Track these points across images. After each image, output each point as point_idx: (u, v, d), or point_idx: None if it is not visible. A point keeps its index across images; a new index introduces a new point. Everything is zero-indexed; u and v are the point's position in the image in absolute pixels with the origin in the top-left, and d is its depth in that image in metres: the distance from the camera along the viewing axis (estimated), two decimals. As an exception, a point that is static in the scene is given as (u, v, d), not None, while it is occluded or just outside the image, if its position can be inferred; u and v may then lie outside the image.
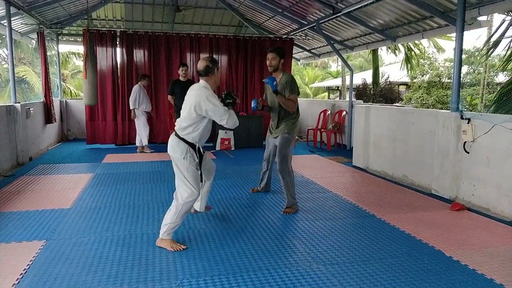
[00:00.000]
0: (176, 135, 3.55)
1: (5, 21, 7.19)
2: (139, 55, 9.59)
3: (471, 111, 13.39)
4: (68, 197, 5.02)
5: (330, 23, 9.22)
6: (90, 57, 8.29)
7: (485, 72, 16.83)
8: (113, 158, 7.88)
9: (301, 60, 14.31)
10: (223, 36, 10.22)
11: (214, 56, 10.02)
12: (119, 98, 9.43)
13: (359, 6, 7.26)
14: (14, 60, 7.30)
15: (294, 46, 11.05)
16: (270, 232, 3.86)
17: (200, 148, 3.65)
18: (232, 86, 10.21)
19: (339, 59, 13.17)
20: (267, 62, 4.59)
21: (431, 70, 18.40)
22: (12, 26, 7.26)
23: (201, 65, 3.57)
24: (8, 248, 3.41)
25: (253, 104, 4.63)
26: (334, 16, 8.15)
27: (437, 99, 16.18)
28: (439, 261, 3.22)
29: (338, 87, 23.38)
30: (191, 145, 3.53)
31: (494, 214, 4.45)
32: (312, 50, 12.24)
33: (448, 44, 19.53)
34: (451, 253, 3.36)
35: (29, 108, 7.49)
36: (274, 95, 4.48)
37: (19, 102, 7.09)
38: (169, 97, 7.87)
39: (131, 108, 8.39)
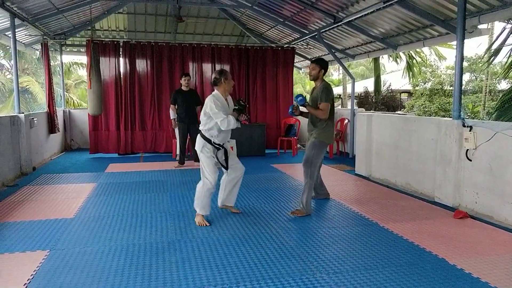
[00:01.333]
0: (199, 132, 4.42)
1: (9, 32, 7.28)
2: (142, 65, 9.67)
3: (473, 118, 13.39)
4: (71, 206, 5.03)
5: (331, 32, 9.27)
6: (94, 67, 8.36)
7: (487, 79, 16.85)
8: (116, 167, 7.91)
9: (302, 69, 14.37)
10: (225, 45, 10.30)
11: (216, 65, 10.10)
12: (122, 108, 9.48)
13: (360, 15, 7.31)
14: (18, 70, 7.37)
15: (295, 55, 11.10)
16: (273, 241, 3.86)
17: (220, 144, 4.42)
18: (234, 95, 10.24)
19: (341, 68, 13.22)
20: (308, 71, 5.28)
21: (433, 77, 18.45)
22: (16, 37, 7.34)
23: (212, 77, 4.44)
24: (12, 258, 3.42)
25: (289, 109, 4.84)
26: (335, 25, 8.20)
27: (439, 106, 16.21)
28: (442, 269, 3.22)
29: (339, 95, 23.45)
30: (208, 140, 4.34)
31: (498, 221, 4.44)
32: (313, 59, 12.28)
33: (449, 52, 19.55)
34: (455, 261, 3.35)
35: (33, 118, 7.54)
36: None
37: (23, 113, 7.14)
38: (172, 106, 7.90)
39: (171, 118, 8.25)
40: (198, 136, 4.42)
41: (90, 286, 2.91)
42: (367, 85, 18.99)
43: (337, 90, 26.00)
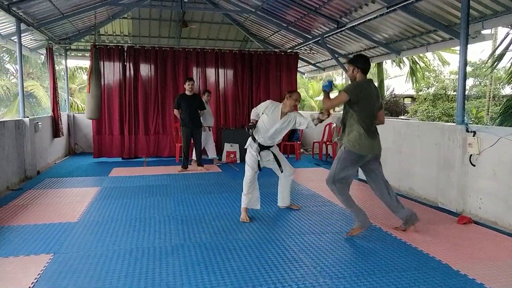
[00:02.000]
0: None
1: (15, 37, 7.34)
2: (146, 69, 9.72)
3: (477, 123, 13.36)
4: (75, 210, 5.05)
5: (334, 37, 9.30)
6: (95, 72, 8.40)
7: (491, 84, 16.83)
8: (120, 171, 7.93)
9: (306, 74, 14.40)
10: (228, 50, 10.34)
11: (220, 70, 10.14)
12: (126, 112, 9.52)
13: (363, 20, 7.34)
14: (23, 75, 7.43)
15: (299, 60, 11.13)
16: (276, 246, 3.86)
17: (262, 144, 4.82)
18: (237, 100, 10.28)
19: (344, 72, 13.23)
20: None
21: (436, 82, 18.44)
22: (22, 42, 7.40)
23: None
24: (17, 261, 3.43)
25: (327, 83, 4.11)
26: (339, 30, 8.23)
27: (443, 111, 16.19)
28: (446, 274, 3.21)
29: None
30: (253, 138, 4.83)
31: (502, 227, 4.42)
32: (317, 64, 12.33)
33: (452, 57, 19.55)
34: (459, 267, 3.34)
35: (37, 122, 7.59)
36: (347, 106, 4.05)
37: (28, 117, 7.19)
38: (175, 111, 7.93)
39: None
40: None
41: (94, 290, 2.93)
42: (370, 90, 18.96)
43: (340, 95, 25.97)
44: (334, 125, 9.96)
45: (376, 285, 3.02)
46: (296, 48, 10.87)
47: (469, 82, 19.42)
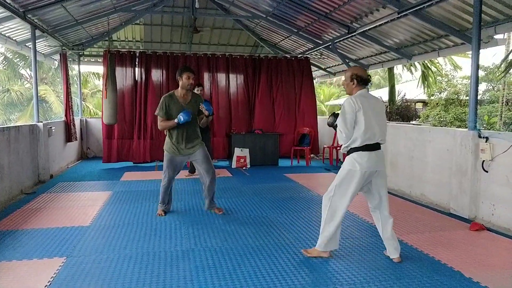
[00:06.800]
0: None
1: (30, 43, 7.47)
2: (157, 75, 9.80)
3: (489, 129, 13.21)
4: (88, 214, 5.11)
5: (345, 42, 9.29)
6: (110, 77, 8.51)
7: (504, 89, 16.63)
8: (131, 176, 8.00)
9: (316, 79, 14.38)
10: (239, 56, 10.40)
11: (231, 75, 10.19)
12: (137, 117, 9.60)
13: (374, 25, 7.33)
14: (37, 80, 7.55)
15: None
16: (286, 251, 3.86)
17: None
18: (248, 105, 10.31)
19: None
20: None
21: (448, 87, 18.27)
22: (36, 48, 7.53)
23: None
24: (30, 264, 3.49)
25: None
26: (349, 35, 8.22)
27: (455, 116, 16.01)
28: (458, 282, 3.17)
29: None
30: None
31: (515, 234, 4.37)
32: (327, 69, 12.32)
33: (464, 61, 19.34)
34: (471, 275, 3.31)
35: (51, 127, 7.70)
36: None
37: (42, 122, 7.30)
38: None
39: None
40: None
41: (106, 294, 2.96)
42: (381, 95, 18.88)
43: (351, 100, 25.90)
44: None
45: (387, 292, 3.00)
46: (307, 53, 10.87)
47: (482, 87, 19.19)
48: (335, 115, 3.77)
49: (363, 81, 3.56)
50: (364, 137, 3.43)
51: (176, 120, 4.66)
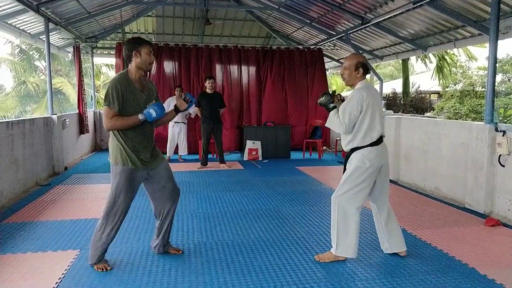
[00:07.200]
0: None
1: (44, 36, 7.53)
2: (170, 66, 9.82)
3: (505, 122, 12.96)
4: (101, 207, 5.12)
5: (358, 33, 9.17)
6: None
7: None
8: (144, 168, 8.03)
9: (329, 70, 14.26)
10: (251, 47, 10.34)
11: (243, 67, 10.15)
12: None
13: (388, 16, 7.20)
14: (51, 72, 7.62)
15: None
16: (298, 246, 3.84)
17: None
18: (260, 97, 10.27)
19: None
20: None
21: (464, 78, 17.96)
22: (50, 41, 7.58)
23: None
24: (45, 256, 3.54)
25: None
26: (363, 26, 8.11)
27: (470, 108, 15.74)
28: (472, 279, 3.13)
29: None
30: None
31: (532, 230, 4.28)
32: (340, 60, 12.19)
33: (480, 52, 18.94)
34: (486, 271, 3.25)
35: (65, 119, 7.77)
36: None
37: (56, 114, 7.37)
38: (196, 109, 8.00)
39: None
40: None
41: (119, 287, 2.98)
42: (395, 86, 18.66)
43: (364, 91, 25.63)
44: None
45: (400, 288, 2.97)
46: (320, 44, 10.77)
47: (498, 78, 18.81)
48: (328, 95, 3.51)
49: (367, 70, 3.40)
50: (371, 133, 3.30)
51: (141, 117, 3.14)
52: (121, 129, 3.17)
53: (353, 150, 3.37)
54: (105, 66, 23.20)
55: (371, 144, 3.30)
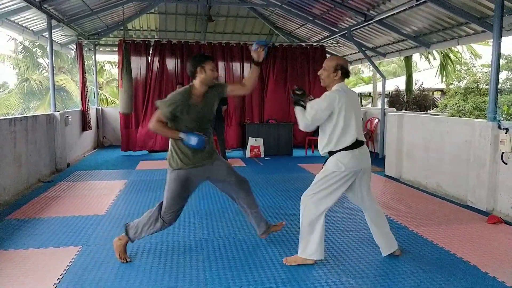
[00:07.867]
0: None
1: (46, 33, 7.54)
2: (172, 64, 9.82)
3: (509, 120, 12.90)
4: (103, 203, 5.17)
5: (361, 30, 9.14)
6: (126, 67, 8.55)
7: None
8: (146, 165, 8.07)
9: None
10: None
11: (245, 64, 10.14)
12: (152, 106, 9.64)
13: (391, 13, 7.17)
14: (54, 69, 7.64)
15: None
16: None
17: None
18: (262, 94, 10.26)
19: (371, 65, 13.00)
20: None
21: (468, 76, 17.85)
22: (52, 38, 7.59)
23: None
24: (46, 253, 3.55)
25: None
26: (366, 23, 8.08)
27: (474, 105, 15.65)
28: (474, 277, 3.12)
29: (370, 93, 23.05)
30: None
31: (535, 228, 4.27)
32: (343, 57, 12.15)
33: (484, 49, 18.81)
34: (487, 269, 3.24)
35: (68, 116, 7.79)
36: None
37: (58, 111, 7.39)
38: None
39: None
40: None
41: (120, 283, 2.99)
42: (398, 83, 18.58)
43: (367, 89, 25.61)
44: (376, 120, 9.78)
45: (401, 286, 2.97)
46: (323, 41, 10.74)
47: (502, 75, 18.67)
48: (304, 92, 3.46)
49: (346, 74, 3.29)
50: (345, 137, 3.19)
51: (182, 136, 3.21)
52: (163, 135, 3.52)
53: (330, 154, 3.30)
54: (107, 63, 23.26)
55: (346, 148, 3.20)
